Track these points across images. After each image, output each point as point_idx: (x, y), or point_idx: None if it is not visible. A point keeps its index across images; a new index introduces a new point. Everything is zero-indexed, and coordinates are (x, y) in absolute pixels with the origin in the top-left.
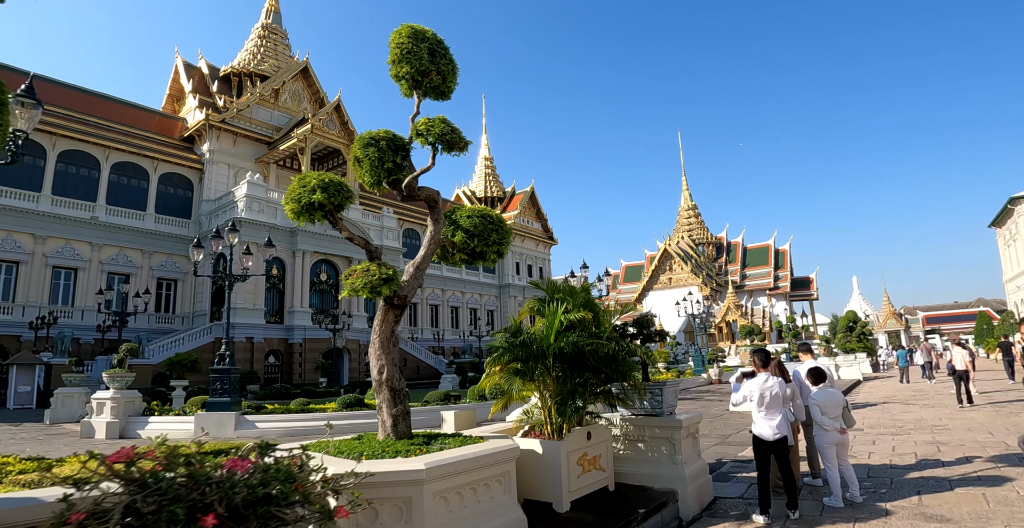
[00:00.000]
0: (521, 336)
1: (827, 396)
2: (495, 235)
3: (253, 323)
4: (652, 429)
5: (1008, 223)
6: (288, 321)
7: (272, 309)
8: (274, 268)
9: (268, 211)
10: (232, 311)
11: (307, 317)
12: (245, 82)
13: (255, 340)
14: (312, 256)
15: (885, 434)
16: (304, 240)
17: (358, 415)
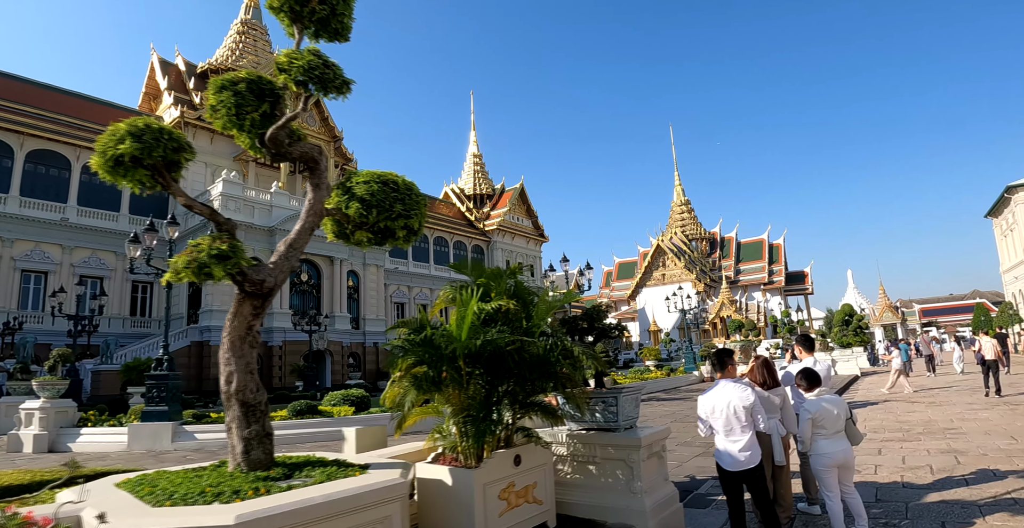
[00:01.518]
0: (424, 332)
1: (824, 407)
2: (399, 206)
3: None
4: (605, 448)
5: (1005, 212)
6: (267, 323)
7: None
8: None
9: (245, 210)
10: (209, 313)
11: (287, 319)
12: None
13: None
14: None
15: (892, 440)
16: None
17: (309, 424)
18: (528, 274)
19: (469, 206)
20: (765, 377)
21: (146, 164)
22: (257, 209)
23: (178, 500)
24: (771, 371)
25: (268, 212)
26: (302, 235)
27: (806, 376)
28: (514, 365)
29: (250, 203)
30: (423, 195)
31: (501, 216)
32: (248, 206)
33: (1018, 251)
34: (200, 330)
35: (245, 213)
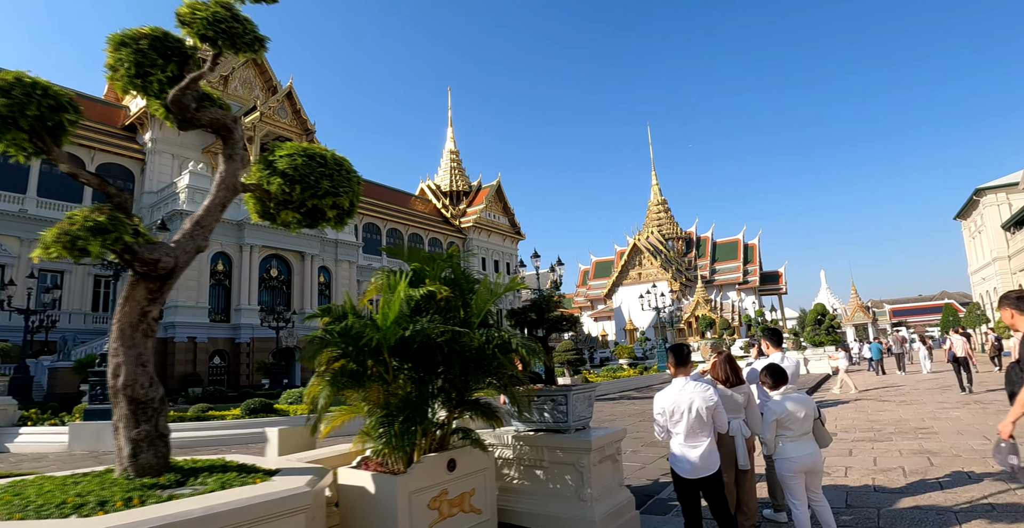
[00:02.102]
0: (346, 321)
1: (789, 406)
2: (326, 183)
3: (196, 322)
4: (553, 451)
5: (973, 215)
6: (235, 319)
7: (218, 307)
8: (219, 263)
9: None
10: (174, 309)
11: (255, 315)
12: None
13: (198, 340)
14: (261, 251)
15: (863, 440)
16: (252, 234)
17: (263, 423)
18: (505, 271)
19: (445, 203)
20: (728, 374)
21: (21, 125)
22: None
23: (31, 513)
24: (734, 367)
25: (237, 205)
26: (211, 212)
27: (771, 373)
28: (443, 359)
29: None
30: (355, 172)
31: (477, 213)
32: None
33: (986, 253)
34: (164, 326)
35: None
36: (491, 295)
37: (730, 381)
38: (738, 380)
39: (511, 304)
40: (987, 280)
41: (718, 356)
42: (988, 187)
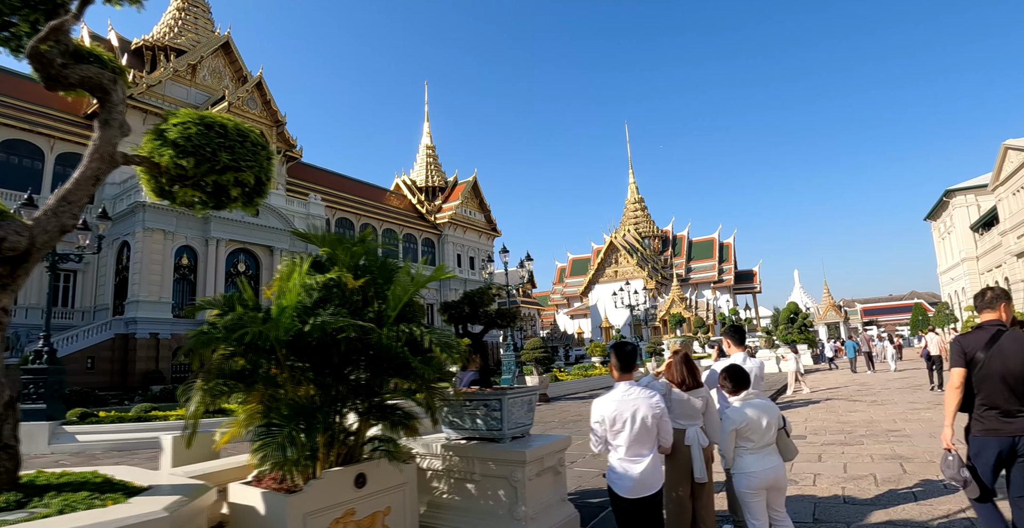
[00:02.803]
0: (233, 313)
1: (750, 414)
2: (226, 155)
3: (158, 318)
4: (485, 463)
5: (943, 216)
6: (201, 315)
7: (182, 302)
8: (184, 257)
9: None
10: (135, 304)
11: None
12: (159, 57)
13: (161, 336)
14: (228, 245)
15: (833, 444)
16: (219, 227)
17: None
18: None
19: (420, 198)
20: (684, 376)
21: None
22: None
23: None
24: (692, 368)
25: None
26: (80, 185)
27: (731, 375)
28: (341, 359)
29: None
30: (265, 146)
31: (453, 209)
32: None
33: (955, 253)
34: (125, 322)
35: None
36: (412, 285)
37: (686, 384)
38: (695, 383)
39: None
40: (956, 280)
41: (674, 356)
42: (958, 189)
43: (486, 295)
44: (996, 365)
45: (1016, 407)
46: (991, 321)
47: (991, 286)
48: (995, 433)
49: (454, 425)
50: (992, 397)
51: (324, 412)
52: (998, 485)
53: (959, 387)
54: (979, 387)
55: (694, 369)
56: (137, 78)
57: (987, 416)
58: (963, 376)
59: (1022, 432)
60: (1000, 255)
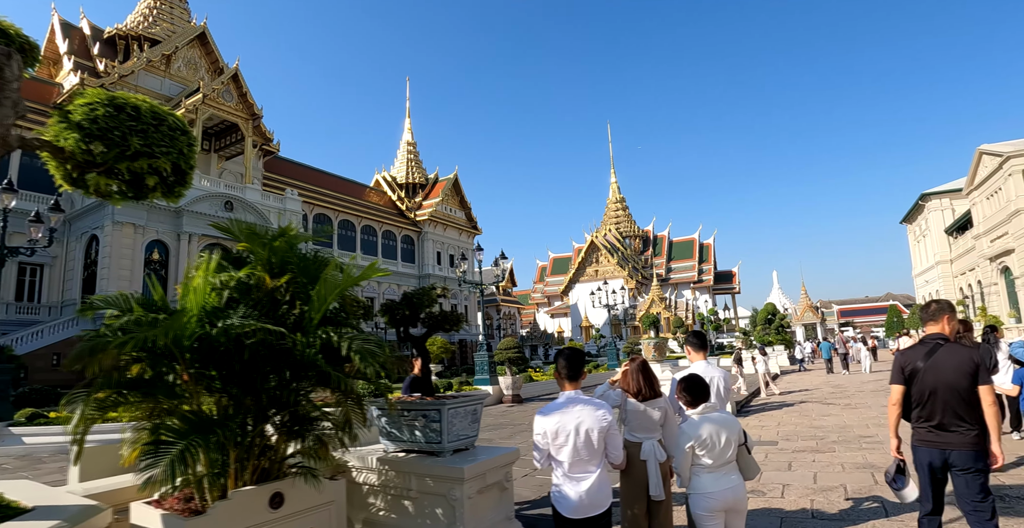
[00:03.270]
0: (130, 314)
1: (706, 430)
2: (137, 140)
3: None
4: (422, 479)
5: (919, 219)
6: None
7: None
8: (155, 252)
9: None
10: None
11: None
12: (133, 46)
13: None
14: (201, 240)
15: (804, 451)
16: (191, 221)
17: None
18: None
19: (401, 195)
20: (641, 385)
21: None
22: None
23: None
24: (649, 377)
25: None
26: None
27: (688, 386)
28: (241, 365)
29: None
30: (185, 131)
31: (433, 206)
32: None
33: (929, 256)
34: (94, 318)
35: None
36: (338, 285)
37: (643, 394)
38: (653, 392)
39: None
40: (930, 282)
41: (630, 363)
42: (933, 193)
43: (427, 296)
44: (930, 378)
45: (949, 420)
46: (932, 334)
47: (936, 299)
48: (929, 444)
49: (392, 437)
50: (927, 410)
51: (231, 426)
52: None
53: (897, 403)
54: (916, 400)
55: (651, 378)
56: (109, 68)
57: (923, 427)
58: (901, 392)
59: (956, 446)
60: (974, 258)
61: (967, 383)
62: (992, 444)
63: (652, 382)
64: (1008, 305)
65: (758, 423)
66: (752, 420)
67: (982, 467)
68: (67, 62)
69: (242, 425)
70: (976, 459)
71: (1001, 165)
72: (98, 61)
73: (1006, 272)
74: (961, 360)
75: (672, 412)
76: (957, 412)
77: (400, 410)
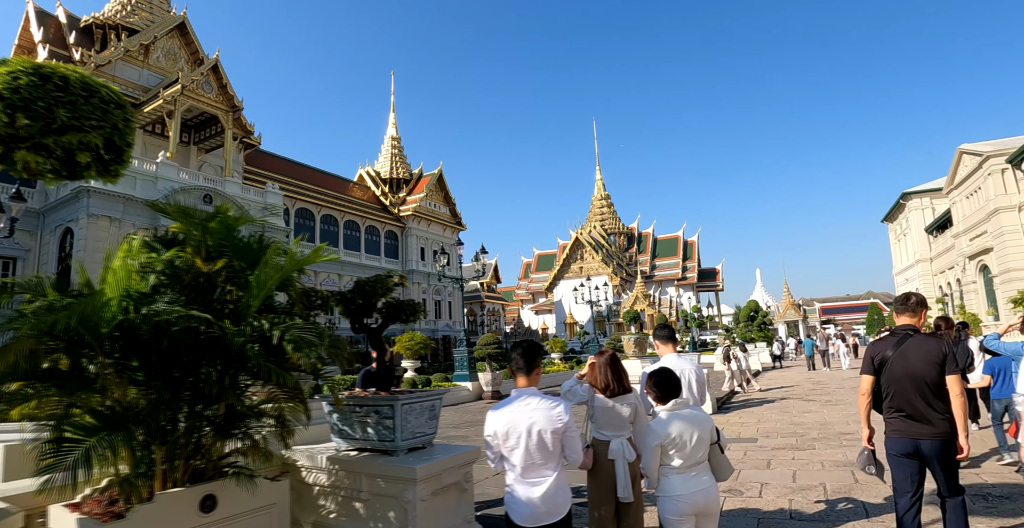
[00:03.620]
0: (43, 299)
1: (675, 428)
2: (64, 112)
3: None
4: (373, 480)
5: (899, 218)
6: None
7: None
8: None
9: (126, 181)
10: None
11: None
12: (110, 36)
13: None
14: None
15: (784, 449)
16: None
17: None
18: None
19: (384, 190)
20: (609, 379)
21: None
22: (140, 180)
23: None
24: (618, 371)
25: (153, 183)
26: None
27: (657, 380)
28: (158, 355)
29: (132, 173)
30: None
31: (417, 202)
32: (129, 176)
33: (910, 254)
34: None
35: (125, 184)
36: (280, 270)
37: (611, 389)
38: (622, 388)
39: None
40: (910, 281)
41: (598, 357)
42: (914, 192)
43: (381, 284)
44: (899, 368)
45: (918, 410)
46: (904, 326)
47: (913, 292)
48: (900, 434)
49: (343, 434)
50: (897, 399)
51: (152, 422)
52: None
53: (866, 393)
54: (886, 390)
55: (620, 372)
56: (85, 57)
57: (895, 418)
58: (871, 383)
59: (926, 436)
60: (953, 257)
61: (935, 373)
62: (960, 436)
63: (621, 376)
64: (986, 303)
65: (739, 420)
66: (733, 417)
67: (952, 456)
68: (42, 51)
69: (172, 421)
70: (946, 448)
71: (981, 164)
72: (74, 50)
73: (984, 270)
74: (929, 350)
75: (643, 409)
76: (926, 402)
77: (352, 406)
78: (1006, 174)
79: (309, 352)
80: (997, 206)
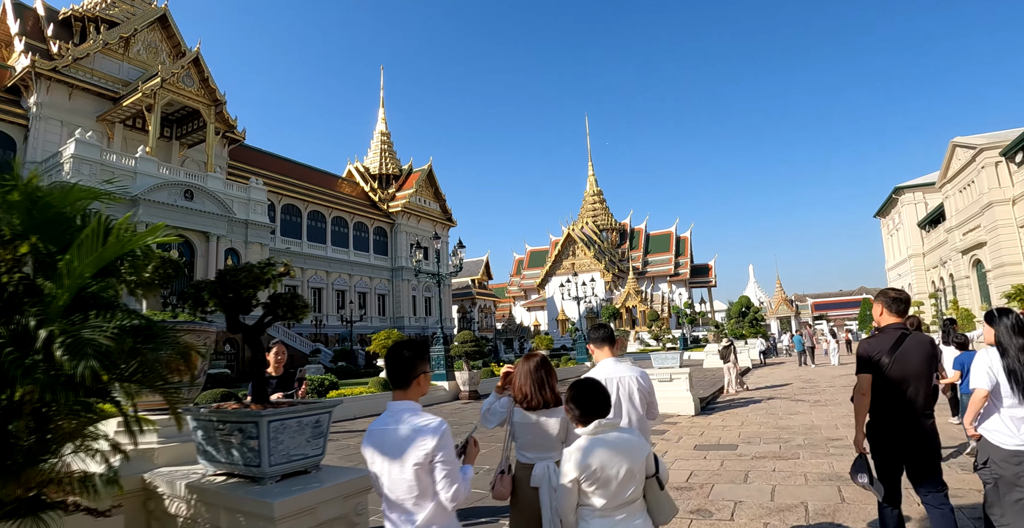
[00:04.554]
0: None
1: (597, 458)
2: None
3: None
4: (232, 515)
5: (892, 213)
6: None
7: None
8: None
9: (103, 175)
10: None
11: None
12: (90, 28)
13: None
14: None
15: (765, 458)
16: (149, 211)
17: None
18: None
19: (374, 186)
20: (529, 391)
21: None
22: (119, 175)
23: None
24: (541, 378)
25: (132, 179)
26: None
27: (576, 395)
28: None
29: (109, 168)
30: None
31: (407, 198)
32: (107, 171)
33: (902, 249)
34: None
35: (103, 179)
36: (100, 255)
37: (530, 400)
38: (544, 399)
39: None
40: (903, 276)
41: (524, 362)
42: (906, 186)
43: (247, 274)
44: (898, 368)
45: (911, 407)
46: (894, 324)
47: (895, 288)
48: (888, 431)
49: (208, 456)
50: (893, 399)
51: None
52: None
53: (867, 393)
54: (882, 389)
55: (543, 380)
56: (63, 50)
57: (884, 415)
58: (870, 381)
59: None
60: (946, 251)
61: (930, 371)
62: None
63: (543, 386)
64: (980, 298)
65: (720, 422)
66: (715, 419)
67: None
68: (18, 44)
69: None
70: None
71: (974, 157)
72: (52, 43)
73: (978, 265)
74: (926, 349)
75: (571, 425)
76: (923, 401)
77: (213, 422)
78: (1000, 167)
79: (86, 356)
80: (991, 200)
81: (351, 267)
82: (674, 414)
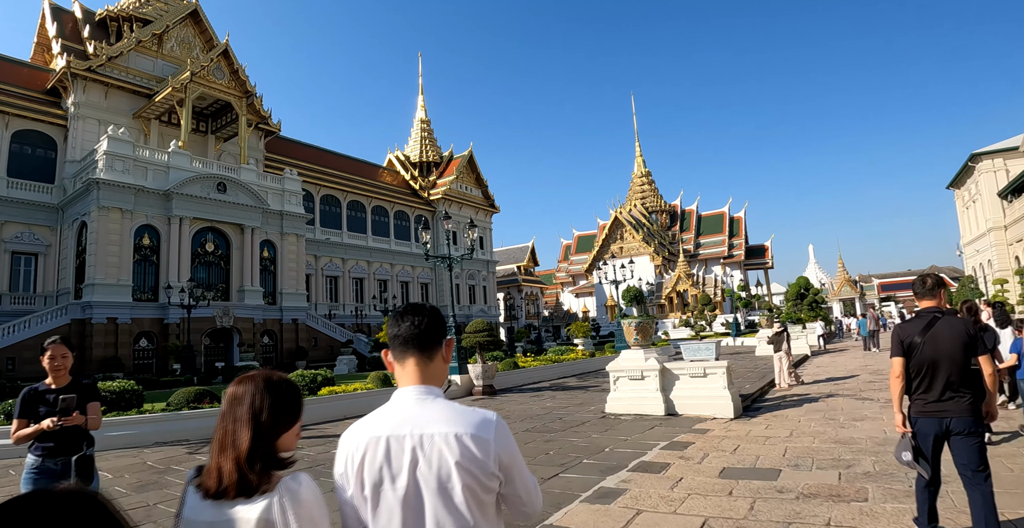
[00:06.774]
0: None
1: None
2: None
3: (117, 301)
4: None
5: (968, 183)
6: (163, 298)
7: (144, 285)
8: (145, 237)
9: (136, 171)
10: (91, 287)
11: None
12: (124, 28)
13: (120, 320)
14: (194, 223)
15: (815, 498)
16: (182, 205)
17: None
18: (478, 246)
19: (414, 174)
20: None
21: None
22: (152, 170)
23: None
24: (250, 430)
25: (165, 174)
26: None
27: None
28: None
29: (143, 164)
30: None
31: (447, 185)
32: (140, 167)
33: (980, 223)
34: (82, 306)
35: (136, 175)
36: None
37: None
38: (257, 477)
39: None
40: (981, 252)
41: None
42: (984, 152)
43: None
44: (930, 350)
45: (947, 390)
46: (928, 308)
47: (930, 274)
48: (928, 414)
49: None
50: (927, 381)
51: None
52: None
53: (900, 376)
54: (916, 371)
55: (261, 431)
56: (98, 49)
57: (923, 398)
58: (903, 365)
59: (954, 413)
60: None
61: (964, 353)
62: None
63: (242, 445)
64: None
65: (764, 431)
66: (758, 424)
67: (979, 430)
68: (56, 47)
69: None
70: (973, 424)
71: None
72: (88, 44)
73: None
74: (959, 331)
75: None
76: (955, 381)
77: None
78: None
79: None
80: None
81: (392, 256)
82: (708, 417)
